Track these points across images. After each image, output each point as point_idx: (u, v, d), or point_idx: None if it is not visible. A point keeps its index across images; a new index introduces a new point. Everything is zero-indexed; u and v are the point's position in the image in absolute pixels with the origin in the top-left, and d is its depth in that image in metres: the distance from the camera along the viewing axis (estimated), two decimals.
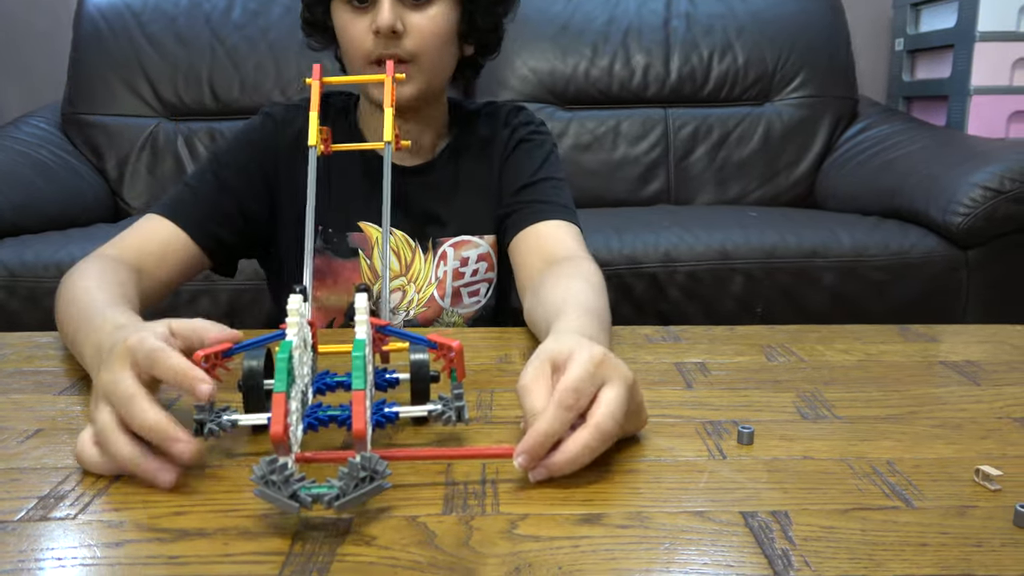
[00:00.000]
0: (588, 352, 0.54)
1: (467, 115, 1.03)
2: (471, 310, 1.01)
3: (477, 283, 1.00)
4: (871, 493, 0.50)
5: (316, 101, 0.78)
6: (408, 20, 0.89)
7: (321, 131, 0.77)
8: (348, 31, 0.91)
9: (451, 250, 0.98)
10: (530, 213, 0.94)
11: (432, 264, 0.98)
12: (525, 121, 1.03)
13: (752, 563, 0.43)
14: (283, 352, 0.48)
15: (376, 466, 0.46)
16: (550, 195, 0.96)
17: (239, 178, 0.94)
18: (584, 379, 0.52)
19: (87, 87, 2.10)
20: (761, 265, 1.58)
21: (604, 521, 0.47)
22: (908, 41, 2.36)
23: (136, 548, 0.44)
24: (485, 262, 1.00)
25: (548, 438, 0.50)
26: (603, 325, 0.69)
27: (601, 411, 0.51)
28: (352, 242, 0.96)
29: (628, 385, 0.53)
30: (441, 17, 0.91)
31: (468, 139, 1.01)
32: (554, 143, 1.04)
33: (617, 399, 0.52)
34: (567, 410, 0.51)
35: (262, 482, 0.45)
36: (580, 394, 0.51)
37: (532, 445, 0.50)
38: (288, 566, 0.42)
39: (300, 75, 2.10)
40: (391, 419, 0.57)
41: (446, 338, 0.57)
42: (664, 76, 2.19)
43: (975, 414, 0.64)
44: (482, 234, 1.00)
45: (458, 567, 0.42)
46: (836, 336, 0.85)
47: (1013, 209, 1.58)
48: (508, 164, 1.00)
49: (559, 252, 0.88)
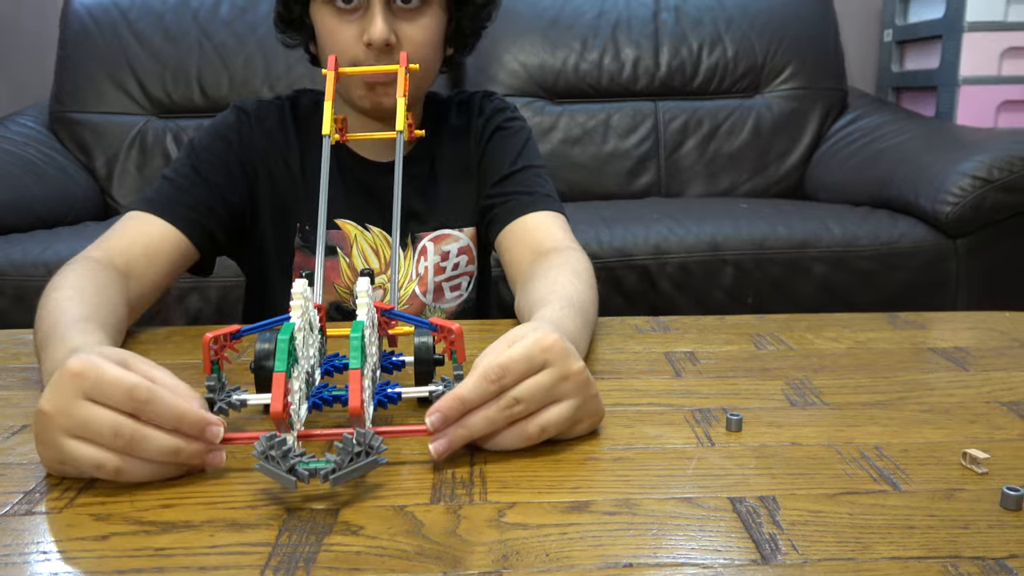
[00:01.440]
0: (535, 336, 0.54)
1: (439, 105, 1.02)
2: (453, 305, 1.00)
3: (458, 277, 1.00)
4: (859, 478, 0.51)
5: (331, 91, 0.76)
6: (401, 31, 0.87)
7: (336, 120, 0.76)
8: (334, 36, 0.88)
9: (431, 244, 0.98)
10: (516, 206, 0.93)
11: (412, 260, 0.97)
12: (499, 108, 1.01)
13: (740, 547, 0.43)
14: (284, 333, 0.50)
15: (371, 442, 0.48)
16: (533, 185, 0.96)
17: (217, 172, 0.92)
18: (518, 360, 0.52)
19: (75, 85, 2.09)
20: (751, 256, 1.58)
21: (592, 508, 0.47)
22: (897, 32, 2.36)
23: (122, 540, 0.44)
24: (466, 255, 1.00)
25: (460, 402, 0.51)
26: (585, 317, 0.70)
27: (547, 415, 0.53)
28: (330, 240, 0.95)
29: (577, 386, 0.54)
30: (432, 26, 0.90)
31: (442, 130, 1.00)
32: (529, 129, 1.03)
33: (563, 412, 0.54)
34: (488, 383, 0.52)
35: (262, 457, 0.47)
36: (507, 371, 0.52)
37: (443, 405, 0.51)
38: (275, 556, 0.42)
39: (288, 71, 2.09)
40: (394, 399, 0.59)
41: (447, 322, 0.59)
42: (654, 69, 2.19)
43: (963, 399, 0.64)
44: (461, 227, 0.99)
45: (445, 556, 0.42)
46: (825, 324, 0.85)
47: (1002, 198, 1.59)
48: (486, 153, 0.99)
49: (547, 244, 0.88)
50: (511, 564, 0.41)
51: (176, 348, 0.80)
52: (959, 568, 0.41)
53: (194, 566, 0.41)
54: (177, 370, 0.52)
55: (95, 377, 0.49)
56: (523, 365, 0.52)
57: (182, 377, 0.52)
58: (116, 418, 0.48)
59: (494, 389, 0.52)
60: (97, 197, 2.03)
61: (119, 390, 0.48)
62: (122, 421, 0.48)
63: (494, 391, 0.52)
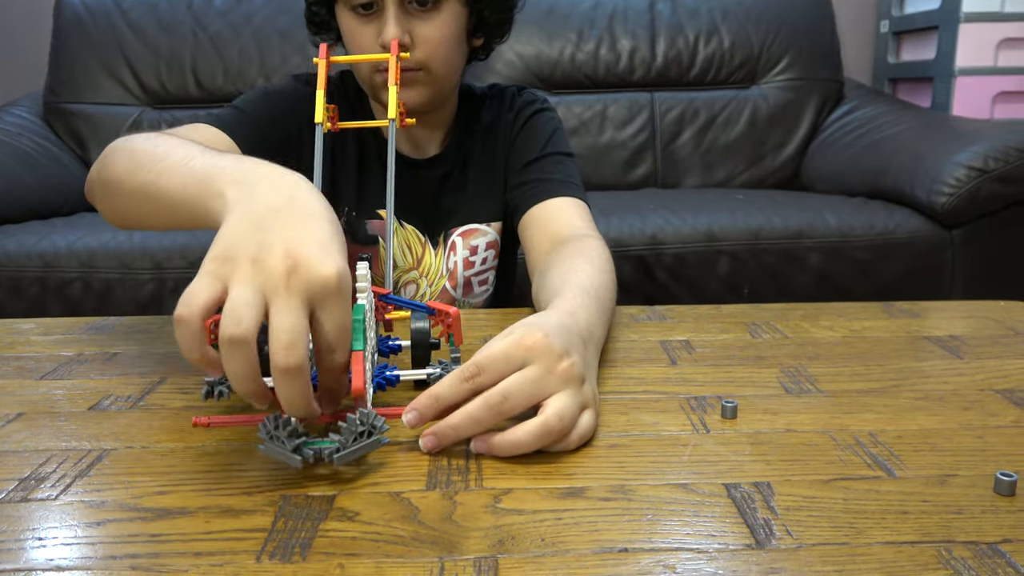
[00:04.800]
0: (517, 334, 0.53)
1: (473, 100, 1.02)
2: (481, 299, 1.01)
3: (486, 271, 1.00)
4: (853, 464, 0.51)
5: (323, 79, 0.77)
6: (416, 31, 0.87)
7: (328, 109, 0.77)
8: (355, 39, 0.89)
9: (460, 239, 0.98)
10: (538, 191, 0.93)
11: (443, 257, 0.98)
12: (529, 100, 1.02)
13: (734, 532, 0.43)
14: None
15: (374, 422, 0.49)
16: (555, 171, 0.95)
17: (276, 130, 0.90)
18: (496, 358, 0.52)
19: (69, 75, 2.08)
20: (747, 247, 1.58)
21: (587, 494, 0.47)
22: (893, 23, 2.36)
23: (117, 527, 0.44)
24: (493, 250, 1.00)
25: (434, 400, 0.51)
26: (600, 304, 0.68)
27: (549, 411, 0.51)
28: (372, 229, 0.95)
29: (563, 380, 0.52)
30: (450, 22, 0.89)
31: (474, 126, 1.00)
32: (559, 119, 1.03)
33: (565, 400, 0.52)
34: (462, 381, 0.51)
35: (268, 437, 0.48)
36: (482, 369, 0.51)
37: (419, 403, 0.51)
38: (271, 542, 0.42)
39: (284, 61, 2.09)
40: (392, 382, 0.60)
41: (444, 305, 0.60)
42: (650, 60, 2.18)
43: (957, 386, 0.64)
44: (489, 221, 0.99)
45: (441, 541, 0.42)
46: (821, 313, 0.85)
47: (997, 188, 1.59)
48: (514, 146, 0.99)
49: (565, 231, 0.87)
50: (507, 549, 0.41)
51: (172, 338, 0.79)
52: (952, 552, 0.41)
53: (189, 552, 0.41)
54: (174, 361, 0.52)
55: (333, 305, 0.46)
56: (500, 363, 0.52)
57: (180, 368, 0.52)
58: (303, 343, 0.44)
59: (467, 388, 0.51)
60: None
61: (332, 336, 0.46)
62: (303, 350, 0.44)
63: (467, 389, 0.51)
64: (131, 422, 0.58)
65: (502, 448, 0.51)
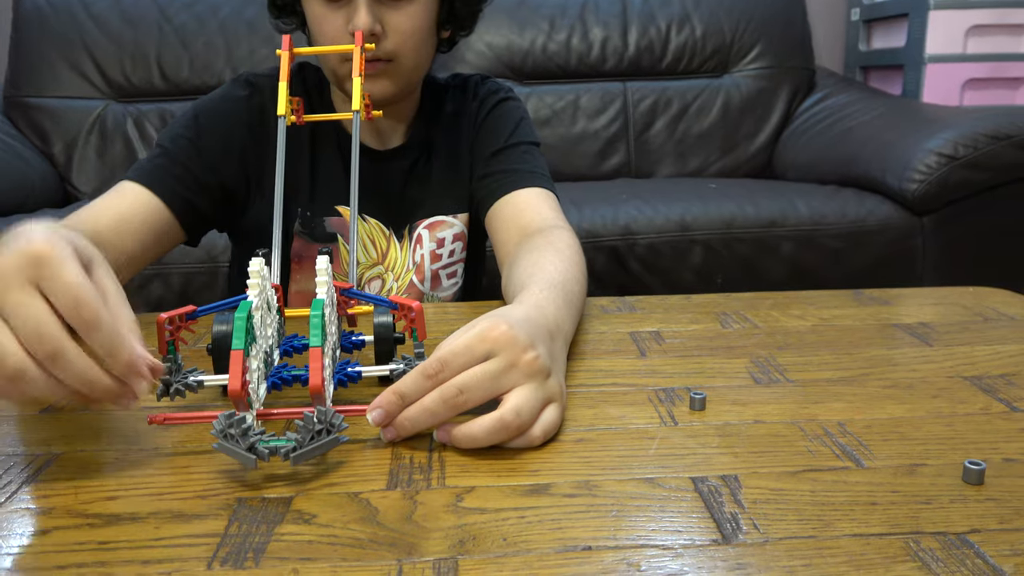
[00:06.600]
0: (480, 327, 0.52)
1: (437, 90, 1.00)
2: (450, 292, 0.99)
3: (454, 264, 0.98)
4: (821, 454, 0.50)
5: (285, 71, 0.75)
6: (387, 20, 0.85)
7: (292, 102, 0.75)
8: (322, 27, 0.86)
9: (426, 232, 0.96)
10: (504, 182, 0.91)
11: (408, 250, 0.96)
12: (493, 89, 1.00)
13: (701, 527, 0.42)
14: (241, 311, 0.49)
15: (332, 420, 0.48)
16: (523, 161, 0.94)
17: (215, 145, 0.88)
18: (459, 352, 0.51)
19: (30, 68, 2.04)
20: (720, 236, 1.58)
21: (552, 491, 0.46)
22: (864, 11, 2.36)
23: (64, 535, 0.42)
24: (460, 242, 0.98)
25: (397, 396, 0.51)
26: (567, 297, 0.68)
27: (508, 405, 0.50)
28: (330, 227, 0.93)
29: (527, 373, 0.52)
30: (422, 13, 0.87)
31: (438, 116, 0.98)
32: (524, 108, 1.01)
33: (527, 394, 0.51)
34: (426, 378, 0.50)
35: (221, 435, 0.46)
36: (445, 365, 0.51)
37: (383, 400, 0.51)
38: (223, 547, 0.41)
39: (251, 53, 2.05)
40: (354, 378, 0.58)
41: (407, 299, 0.59)
42: (622, 49, 2.17)
43: (926, 374, 0.64)
44: (456, 213, 0.97)
45: (400, 543, 0.41)
46: (791, 302, 0.85)
47: (966, 175, 1.60)
48: (479, 135, 0.97)
49: (534, 222, 0.86)
50: (467, 550, 0.40)
51: None
52: (920, 544, 0.40)
53: (136, 560, 0.40)
54: None
55: (53, 270, 0.45)
56: (463, 358, 0.51)
57: None
58: (50, 323, 0.44)
59: (430, 384, 0.50)
60: (56, 184, 1.99)
61: (69, 297, 0.45)
62: (54, 329, 0.44)
63: (430, 386, 0.50)
64: (82, 425, 0.56)
65: (459, 440, 0.50)
